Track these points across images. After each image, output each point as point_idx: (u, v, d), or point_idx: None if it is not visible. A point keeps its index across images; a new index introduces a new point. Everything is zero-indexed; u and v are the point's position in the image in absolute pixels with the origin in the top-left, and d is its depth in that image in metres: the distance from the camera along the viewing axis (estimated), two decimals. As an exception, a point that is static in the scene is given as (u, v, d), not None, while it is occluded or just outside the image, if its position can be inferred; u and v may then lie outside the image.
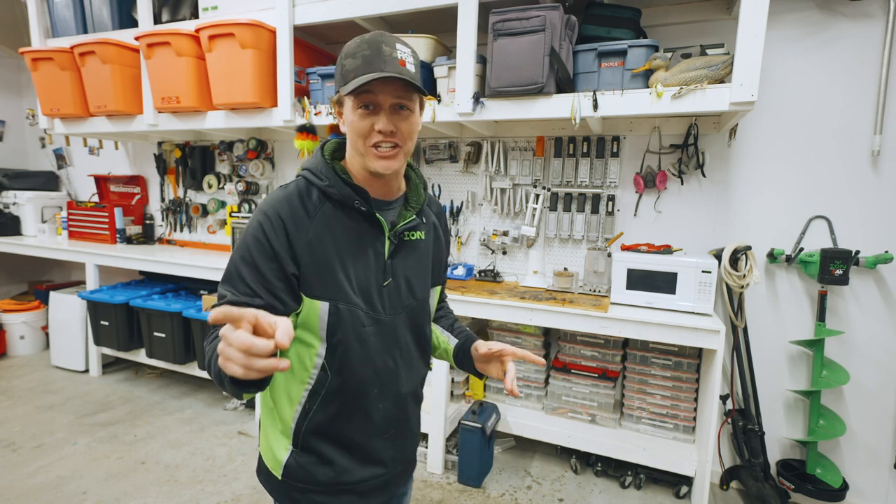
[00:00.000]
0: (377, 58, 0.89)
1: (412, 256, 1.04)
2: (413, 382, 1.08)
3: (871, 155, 2.14)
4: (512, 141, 2.74)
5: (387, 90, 0.90)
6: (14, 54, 4.08)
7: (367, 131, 0.91)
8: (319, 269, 0.92)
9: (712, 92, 1.93)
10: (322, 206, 0.95)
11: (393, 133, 0.92)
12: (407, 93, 0.92)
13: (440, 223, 1.16)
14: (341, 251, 0.94)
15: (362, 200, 0.95)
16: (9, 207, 4.11)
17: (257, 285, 0.89)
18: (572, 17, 2.13)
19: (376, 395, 1.00)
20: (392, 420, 1.04)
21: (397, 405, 1.05)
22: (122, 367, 3.73)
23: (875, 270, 2.18)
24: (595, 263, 2.46)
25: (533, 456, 2.66)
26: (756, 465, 2.23)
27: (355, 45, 0.92)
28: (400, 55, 0.91)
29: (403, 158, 0.96)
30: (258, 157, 3.46)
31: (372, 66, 0.88)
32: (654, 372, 2.38)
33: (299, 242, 0.91)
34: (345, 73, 0.92)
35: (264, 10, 2.69)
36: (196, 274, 3.07)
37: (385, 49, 0.90)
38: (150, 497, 2.21)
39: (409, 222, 1.02)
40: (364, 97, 0.90)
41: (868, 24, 2.11)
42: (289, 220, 0.91)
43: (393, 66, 0.89)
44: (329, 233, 0.94)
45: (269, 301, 0.89)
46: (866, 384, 2.23)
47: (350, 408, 0.99)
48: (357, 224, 0.96)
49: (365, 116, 0.91)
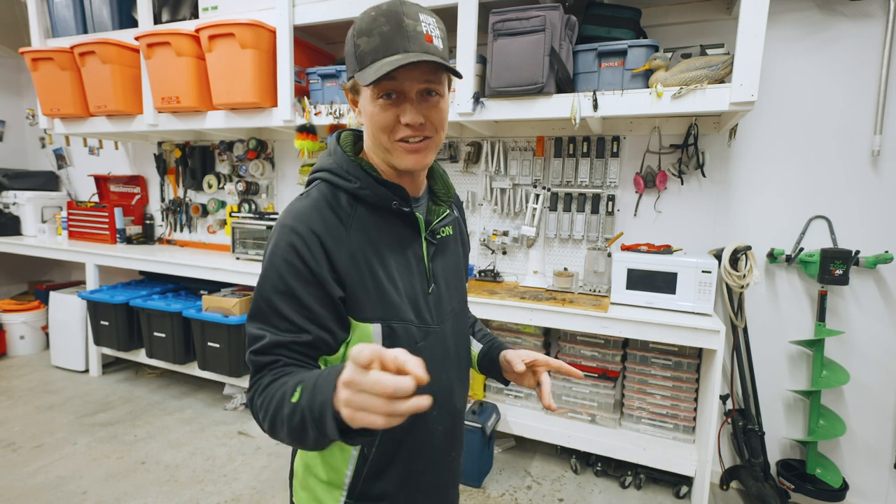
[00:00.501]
0: (399, 35, 0.73)
1: (447, 256, 0.94)
2: (466, 394, 0.99)
3: (871, 155, 2.14)
4: (512, 141, 2.74)
5: (413, 75, 0.75)
6: (14, 54, 4.08)
7: (392, 124, 0.78)
8: (367, 286, 0.79)
9: (712, 92, 1.93)
10: (355, 211, 0.82)
11: (423, 125, 0.78)
12: (436, 75, 0.77)
13: (461, 213, 1.06)
14: (385, 261, 0.82)
15: (401, 200, 0.82)
16: (9, 207, 4.11)
17: (301, 318, 0.75)
18: (572, 17, 2.13)
19: (435, 417, 0.88)
20: (452, 440, 0.93)
21: (455, 422, 0.94)
22: (122, 367, 3.73)
23: (875, 270, 2.18)
24: (595, 263, 2.46)
25: (533, 456, 2.66)
26: (756, 465, 2.23)
27: (370, 19, 0.75)
28: (425, 28, 0.75)
29: (435, 151, 0.83)
30: (258, 157, 3.46)
31: (393, 46, 0.73)
32: (654, 372, 2.38)
33: (341, 259, 0.78)
34: (360, 56, 0.76)
35: (264, 10, 2.69)
36: (196, 274, 3.07)
37: (408, 23, 0.73)
38: (150, 497, 2.21)
39: (445, 218, 0.91)
40: (386, 85, 0.75)
41: (868, 24, 2.11)
42: (325, 235, 0.77)
43: (419, 44, 0.74)
44: (369, 242, 0.81)
45: (317, 335, 0.76)
46: (866, 384, 2.23)
47: (412, 438, 0.85)
48: (394, 227, 0.84)
49: (388, 107, 0.77)
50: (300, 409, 0.64)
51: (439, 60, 0.74)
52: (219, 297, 2.98)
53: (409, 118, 0.77)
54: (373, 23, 0.75)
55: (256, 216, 3.19)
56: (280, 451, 2.62)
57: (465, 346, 0.99)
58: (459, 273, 0.98)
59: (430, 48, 0.75)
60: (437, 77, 0.77)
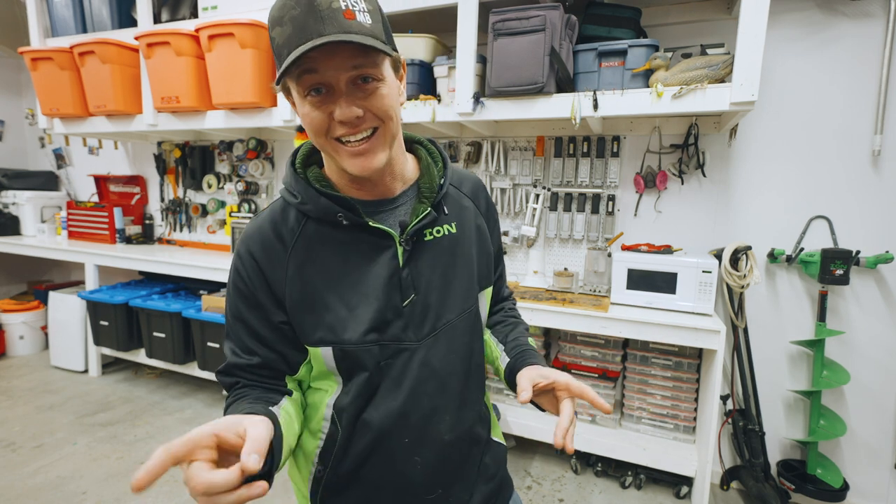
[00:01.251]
0: (311, 16, 0.61)
1: (441, 259, 0.80)
2: (465, 421, 0.84)
3: (872, 155, 2.14)
4: (512, 141, 2.74)
5: (335, 63, 0.63)
6: (13, 54, 4.08)
7: (325, 124, 0.68)
8: (310, 308, 0.74)
9: (712, 92, 1.93)
10: (302, 228, 0.76)
11: (360, 119, 0.67)
12: (366, 58, 0.65)
13: (479, 202, 0.90)
14: (333, 279, 0.75)
15: (346, 212, 0.74)
16: (8, 207, 4.10)
17: (250, 340, 0.75)
18: (572, 17, 2.13)
19: (408, 446, 0.78)
20: (439, 475, 0.80)
21: (443, 456, 0.80)
22: (121, 367, 3.73)
23: (876, 270, 2.18)
24: (595, 263, 2.46)
25: (533, 456, 2.66)
26: (756, 466, 2.23)
27: (280, 4, 0.64)
28: (344, 3, 0.62)
29: (386, 145, 0.71)
30: (258, 156, 3.46)
31: (306, 32, 0.61)
32: (655, 372, 2.38)
33: (277, 281, 0.74)
34: (277, 51, 0.65)
35: (264, 10, 2.68)
36: (196, 274, 3.06)
37: (319, 1, 0.61)
38: (150, 497, 2.21)
39: (423, 219, 0.77)
40: (307, 79, 0.65)
41: (868, 23, 2.11)
42: (262, 258, 0.75)
43: (336, 24, 0.62)
44: (314, 260, 0.75)
45: (266, 357, 0.76)
46: (867, 384, 2.22)
47: (377, 466, 0.78)
48: (353, 238, 0.76)
49: (318, 105, 0.67)
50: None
51: (357, 39, 0.61)
52: (218, 297, 2.98)
53: (339, 113, 0.66)
54: (283, 8, 0.63)
55: (256, 216, 3.19)
56: (280, 452, 2.61)
57: (472, 361, 0.85)
58: (466, 276, 0.83)
59: (352, 26, 0.62)
60: (370, 59, 0.65)
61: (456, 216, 0.84)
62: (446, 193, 0.83)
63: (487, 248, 0.89)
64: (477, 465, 0.87)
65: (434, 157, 0.86)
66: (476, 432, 0.87)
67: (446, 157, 0.87)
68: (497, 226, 0.97)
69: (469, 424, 0.85)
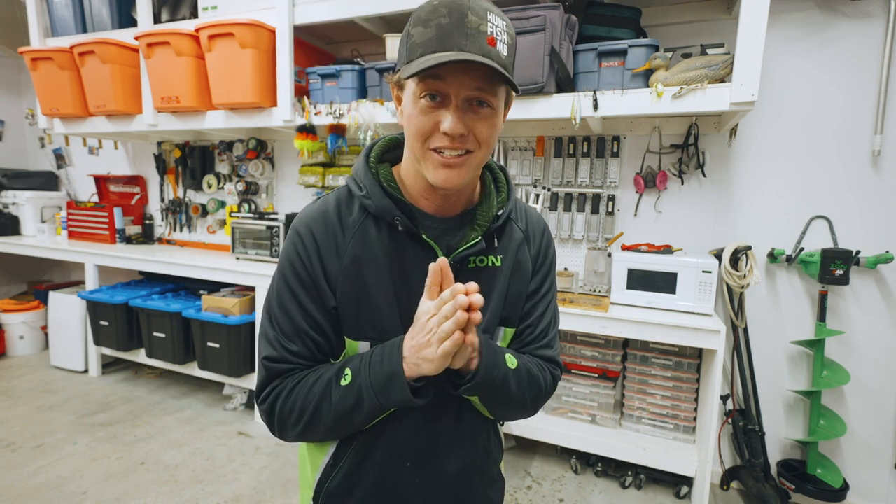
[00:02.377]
0: (458, 30, 0.64)
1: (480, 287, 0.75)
2: (472, 457, 0.84)
3: (872, 155, 2.14)
4: (512, 141, 2.74)
5: (463, 79, 0.66)
6: (13, 54, 4.07)
7: (430, 130, 0.69)
8: (356, 300, 0.75)
9: (712, 92, 1.93)
10: (363, 221, 0.77)
11: (464, 137, 0.69)
12: (491, 85, 0.68)
13: (531, 244, 0.86)
14: (383, 280, 0.76)
15: (404, 217, 0.75)
16: (8, 207, 4.10)
17: (304, 322, 0.75)
18: (572, 17, 2.13)
19: (410, 470, 0.80)
20: (441, 500, 0.83)
21: (443, 484, 0.82)
22: (121, 367, 3.73)
23: (876, 270, 2.18)
24: (595, 263, 2.46)
25: (533, 456, 2.66)
26: (756, 466, 2.23)
27: (431, 8, 0.67)
28: (490, 29, 0.65)
29: (474, 170, 0.73)
30: (258, 156, 3.46)
31: (449, 41, 0.64)
32: (655, 372, 2.38)
33: (333, 269, 0.75)
34: (410, 47, 0.68)
35: (264, 10, 2.68)
36: (196, 274, 3.06)
37: (471, 19, 0.64)
38: (150, 497, 2.21)
39: (472, 247, 0.77)
40: (431, 83, 0.67)
41: (868, 23, 2.11)
42: (323, 241, 0.75)
43: (477, 45, 0.64)
44: (368, 258, 0.75)
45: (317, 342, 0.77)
46: (867, 384, 2.22)
47: (379, 480, 0.80)
48: (405, 245, 0.76)
49: (429, 110, 0.68)
50: (356, 388, 0.71)
51: (496, 66, 0.64)
52: (218, 297, 2.98)
53: (448, 125, 0.67)
54: (433, 13, 0.66)
55: (256, 216, 3.19)
56: (280, 452, 2.61)
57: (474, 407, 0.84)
58: (491, 310, 0.81)
59: (491, 52, 0.65)
60: (492, 87, 0.68)
61: (503, 250, 0.82)
62: (502, 226, 0.82)
63: (522, 287, 0.85)
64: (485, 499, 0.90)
65: (499, 185, 0.86)
66: (488, 469, 0.89)
67: (512, 188, 0.86)
68: (548, 276, 0.89)
69: (475, 459, 0.86)
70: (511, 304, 0.84)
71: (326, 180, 3.09)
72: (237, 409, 3.10)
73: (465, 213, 0.81)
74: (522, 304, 0.86)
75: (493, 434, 0.92)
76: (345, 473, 0.81)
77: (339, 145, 2.77)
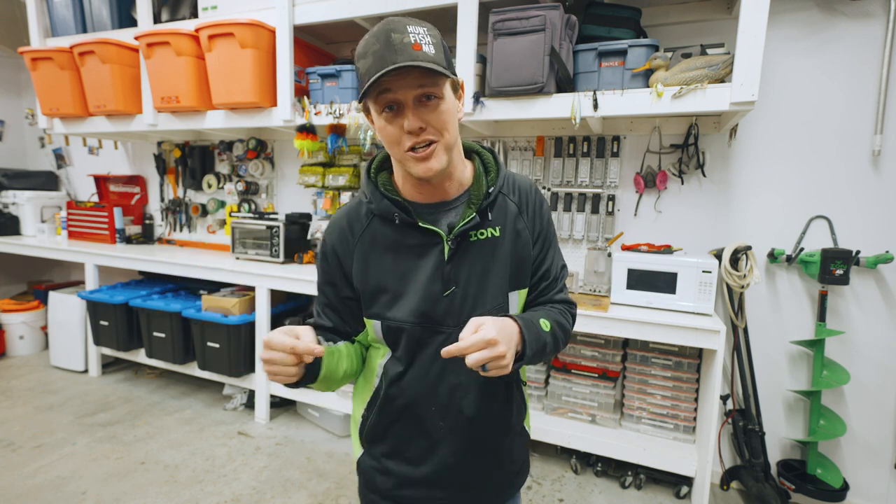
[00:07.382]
0: (388, 50, 0.78)
1: (481, 258, 0.93)
2: (487, 402, 0.97)
3: (872, 155, 2.14)
4: (512, 141, 2.74)
5: (405, 83, 0.80)
6: (13, 54, 4.08)
7: (398, 135, 0.83)
8: (369, 289, 0.94)
9: (712, 92, 1.93)
10: (370, 223, 0.95)
11: (422, 129, 0.82)
12: (429, 79, 0.80)
13: (525, 206, 0.99)
14: (388, 268, 0.93)
15: (401, 212, 0.91)
16: (8, 207, 4.10)
17: (326, 308, 1.01)
18: (572, 17, 2.13)
19: (434, 414, 0.96)
20: (458, 442, 0.97)
21: (463, 428, 0.97)
22: (121, 367, 3.73)
23: (876, 270, 2.18)
24: (595, 263, 2.46)
25: (533, 456, 2.66)
26: (756, 466, 2.23)
27: (364, 42, 0.82)
28: (413, 38, 0.79)
29: (444, 154, 0.86)
30: (258, 156, 3.46)
31: (384, 61, 0.78)
32: (655, 372, 2.38)
33: (348, 266, 0.96)
34: (361, 78, 0.83)
35: (264, 10, 2.69)
36: (195, 274, 3.06)
37: (395, 37, 0.78)
38: (150, 497, 2.21)
39: (468, 222, 0.91)
40: (384, 98, 0.81)
41: (868, 23, 2.11)
42: (338, 245, 0.96)
43: (406, 54, 0.78)
44: (375, 250, 0.94)
45: (336, 322, 1.00)
46: (867, 384, 2.22)
47: (407, 423, 0.98)
48: (406, 235, 0.92)
49: (391, 120, 0.83)
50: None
51: (424, 64, 0.77)
52: (218, 297, 2.98)
53: (406, 124, 0.81)
54: (366, 45, 0.81)
55: (256, 216, 3.19)
56: (280, 452, 2.61)
57: None
58: (502, 275, 0.95)
59: (419, 55, 0.78)
60: (432, 80, 0.81)
61: (500, 220, 0.95)
62: (494, 200, 0.95)
63: (524, 252, 0.98)
64: (500, 447, 1.02)
65: (488, 167, 0.99)
66: (500, 415, 1.00)
67: (501, 167, 0.99)
68: (545, 231, 1.01)
69: (491, 406, 0.98)
70: (517, 268, 0.97)
71: (326, 180, 3.08)
72: (237, 409, 3.10)
73: (462, 195, 0.95)
74: (529, 267, 0.99)
75: (516, 389, 1.03)
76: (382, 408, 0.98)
77: (339, 145, 2.77)
